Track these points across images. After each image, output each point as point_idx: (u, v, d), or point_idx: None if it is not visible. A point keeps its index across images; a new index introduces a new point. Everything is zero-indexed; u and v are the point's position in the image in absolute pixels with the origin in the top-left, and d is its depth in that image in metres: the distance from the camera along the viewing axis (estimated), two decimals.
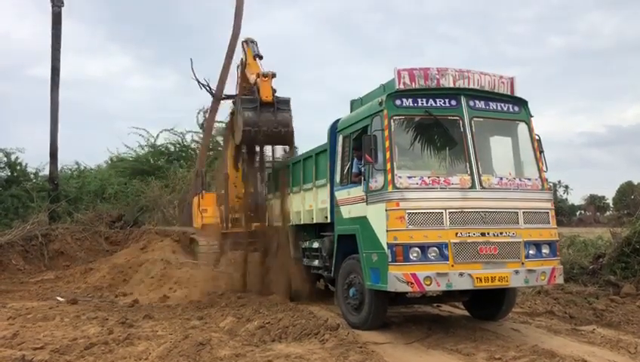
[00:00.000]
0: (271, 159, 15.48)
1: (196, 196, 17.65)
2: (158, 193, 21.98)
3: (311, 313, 8.48)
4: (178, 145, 28.15)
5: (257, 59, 12.12)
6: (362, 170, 7.47)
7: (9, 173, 22.03)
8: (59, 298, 11.55)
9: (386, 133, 6.92)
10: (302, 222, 9.94)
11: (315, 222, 9.37)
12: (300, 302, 9.98)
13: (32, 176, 22.69)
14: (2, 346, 6.54)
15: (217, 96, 20.70)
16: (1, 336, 7.01)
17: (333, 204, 8.42)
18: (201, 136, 25.06)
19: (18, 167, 22.17)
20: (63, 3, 20.85)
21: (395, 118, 7.02)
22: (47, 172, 21.51)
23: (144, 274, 13.12)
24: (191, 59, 20.48)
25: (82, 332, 7.47)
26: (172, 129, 27.61)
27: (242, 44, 12.95)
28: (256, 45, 12.42)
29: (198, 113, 26.47)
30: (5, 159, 21.83)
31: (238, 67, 13.31)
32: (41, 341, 6.86)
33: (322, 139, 9.01)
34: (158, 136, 27.76)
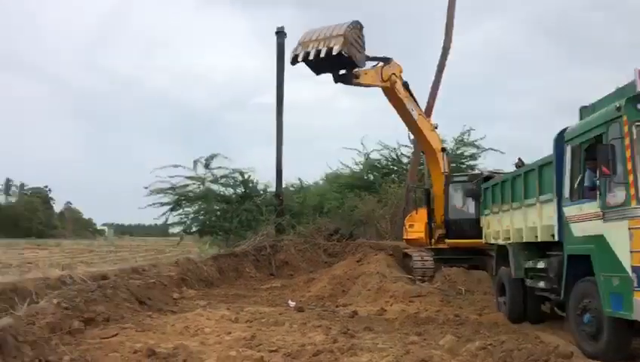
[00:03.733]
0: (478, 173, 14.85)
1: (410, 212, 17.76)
2: (371, 208, 22.64)
3: (537, 337, 7.89)
4: (390, 160, 28.69)
5: None
6: (597, 183, 6.74)
7: (243, 190, 24.66)
8: (290, 302, 12.55)
9: (626, 141, 6.16)
10: (524, 240, 9.33)
11: (539, 240, 8.73)
12: (523, 325, 9.37)
13: (261, 192, 25.11)
14: (244, 346, 7.27)
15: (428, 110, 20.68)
16: (242, 337, 7.79)
17: (562, 220, 7.74)
18: (412, 151, 25.19)
19: (250, 185, 24.70)
20: (285, 35, 22.81)
21: (637, 124, 6.20)
22: (273, 188, 23.63)
23: (361, 286, 13.53)
24: None
25: (309, 339, 7.95)
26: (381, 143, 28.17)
27: None
28: None
29: None
30: (240, 178, 24.53)
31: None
32: (275, 344, 7.46)
33: (538, 150, 8.39)
34: (371, 151, 28.61)
